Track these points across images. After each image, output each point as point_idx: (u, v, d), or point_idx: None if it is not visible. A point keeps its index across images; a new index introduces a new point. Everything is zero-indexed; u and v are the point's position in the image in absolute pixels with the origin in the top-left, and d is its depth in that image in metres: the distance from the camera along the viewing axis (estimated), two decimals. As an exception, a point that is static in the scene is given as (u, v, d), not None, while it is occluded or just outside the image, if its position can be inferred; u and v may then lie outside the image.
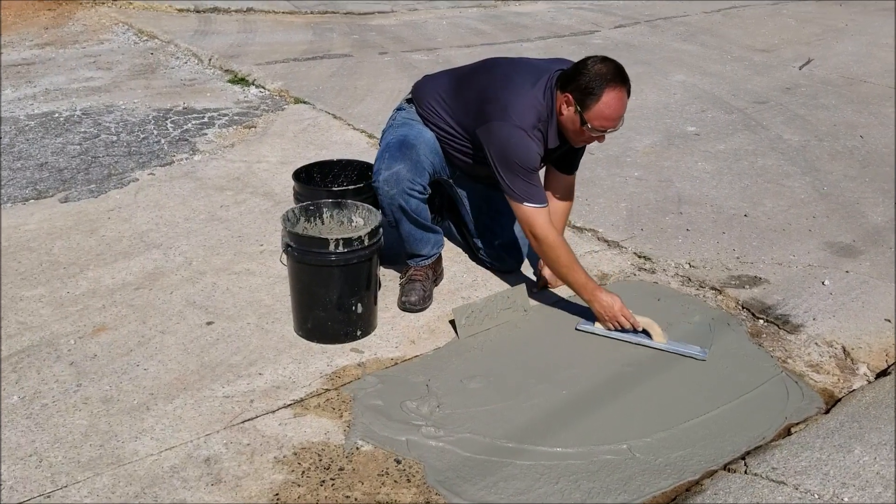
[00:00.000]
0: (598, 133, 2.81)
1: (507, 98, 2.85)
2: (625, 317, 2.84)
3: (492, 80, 2.97)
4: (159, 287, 3.20)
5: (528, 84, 2.87)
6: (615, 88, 2.73)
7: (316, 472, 2.24)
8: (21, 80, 6.14)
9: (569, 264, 2.90)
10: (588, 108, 2.74)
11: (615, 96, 2.73)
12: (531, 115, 2.82)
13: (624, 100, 2.77)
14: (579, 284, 2.90)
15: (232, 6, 9.06)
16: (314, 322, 2.84)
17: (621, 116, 2.80)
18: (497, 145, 2.85)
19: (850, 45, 7.86)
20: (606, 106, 2.73)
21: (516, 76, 2.93)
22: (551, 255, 2.90)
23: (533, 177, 2.87)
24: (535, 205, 2.86)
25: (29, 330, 2.89)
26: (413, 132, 3.06)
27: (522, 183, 2.85)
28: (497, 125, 2.84)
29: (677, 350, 2.82)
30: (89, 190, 4.11)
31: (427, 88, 3.15)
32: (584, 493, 2.19)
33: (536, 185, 2.88)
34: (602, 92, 2.71)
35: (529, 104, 2.83)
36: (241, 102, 5.69)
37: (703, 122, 5.45)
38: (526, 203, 2.86)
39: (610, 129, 2.81)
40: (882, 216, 3.95)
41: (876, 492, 2.14)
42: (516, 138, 2.81)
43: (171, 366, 2.70)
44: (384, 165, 2.97)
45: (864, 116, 5.57)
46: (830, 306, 3.14)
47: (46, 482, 2.18)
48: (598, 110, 2.73)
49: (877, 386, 2.66)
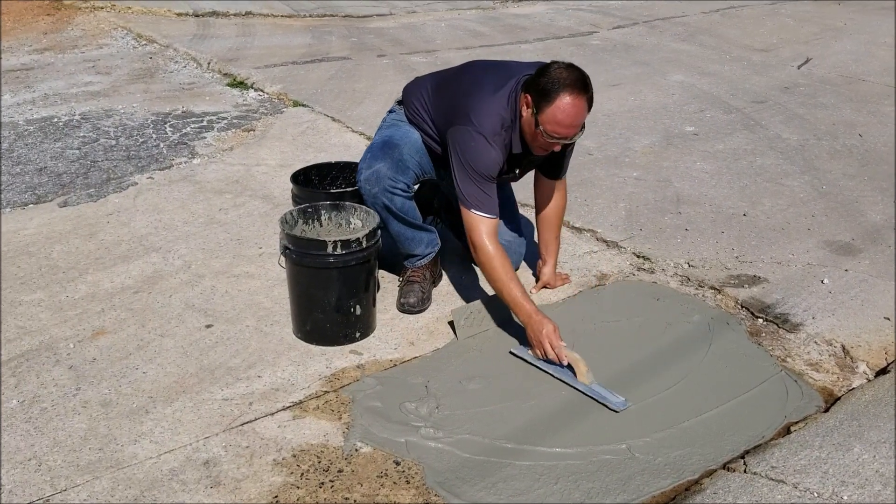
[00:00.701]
0: (552, 139, 2.70)
1: (470, 103, 2.81)
2: (551, 344, 2.65)
3: (462, 84, 2.94)
4: (158, 290, 3.20)
5: (493, 89, 2.81)
6: (571, 95, 2.62)
7: (315, 474, 2.24)
8: (20, 85, 6.15)
9: (504, 279, 2.76)
10: (542, 111, 2.65)
11: (570, 103, 2.62)
12: (493, 120, 2.77)
13: (580, 108, 2.65)
14: (514, 302, 2.75)
15: (230, 10, 9.07)
16: (313, 324, 2.84)
17: (575, 125, 2.68)
18: (456, 150, 2.81)
19: (849, 44, 7.87)
20: (560, 110, 2.63)
21: (485, 80, 2.88)
22: (486, 266, 2.79)
23: (487, 186, 2.80)
24: (483, 214, 2.78)
25: (28, 334, 2.89)
26: (399, 133, 3.07)
27: (475, 190, 2.78)
28: (458, 129, 2.81)
29: (596, 395, 2.57)
30: (88, 194, 4.11)
31: (413, 90, 3.15)
32: (584, 493, 2.19)
33: (490, 195, 2.80)
34: (557, 96, 2.62)
35: (492, 110, 2.78)
36: (239, 106, 5.70)
37: (701, 121, 5.46)
38: (474, 211, 2.78)
39: (563, 137, 2.70)
40: (881, 215, 3.95)
41: (875, 490, 2.14)
42: (475, 144, 2.77)
43: (170, 369, 2.71)
44: (365, 165, 2.99)
45: (862, 115, 5.57)
46: (830, 305, 3.14)
47: (45, 486, 2.18)
48: (551, 114, 2.64)
49: (876, 384, 2.66)
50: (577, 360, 2.62)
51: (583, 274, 3.37)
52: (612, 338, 2.92)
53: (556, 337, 2.65)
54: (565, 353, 2.63)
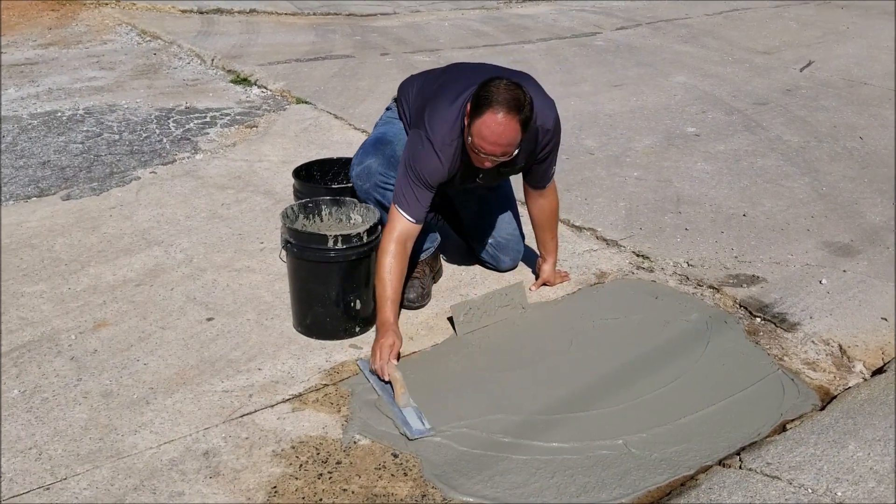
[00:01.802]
0: (479, 154, 2.69)
1: (430, 107, 2.83)
2: (380, 355, 2.62)
3: (433, 90, 2.95)
4: (160, 283, 3.22)
5: (454, 97, 2.80)
6: (497, 112, 2.59)
7: (314, 466, 2.26)
8: (24, 79, 6.17)
9: (384, 277, 2.76)
10: (472, 123, 2.65)
11: (493, 119, 2.59)
12: (444, 129, 2.76)
13: (506, 126, 2.61)
14: (378, 303, 2.78)
15: (235, 7, 9.09)
16: (313, 318, 2.86)
17: (500, 144, 2.64)
18: (406, 151, 2.84)
19: (851, 47, 7.88)
20: (485, 125, 2.61)
21: (451, 87, 2.87)
22: (378, 261, 2.79)
23: (421, 191, 2.79)
24: (403, 213, 2.78)
25: (30, 325, 2.91)
26: (392, 130, 3.10)
27: (408, 190, 2.78)
28: (414, 133, 2.85)
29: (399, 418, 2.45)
30: (91, 188, 4.13)
31: (405, 90, 3.17)
32: (580, 488, 2.21)
33: (420, 201, 2.80)
34: (486, 111, 2.60)
35: (446, 118, 2.77)
36: (243, 102, 5.72)
37: (703, 122, 5.47)
38: (397, 207, 2.79)
39: (489, 154, 2.67)
40: (880, 216, 3.97)
41: (869, 486, 2.15)
42: (422, 148, 2.78)
43: (170, 361, 2.72)
44: (357, 161, 3.03)
45: (864, 118, 5.58)
46: (827, 305, 3.15)
47: (46, 474, 2.20)
48: (477, 127, 2.63)
49: (872, 383, 2.67)
50: (397, 380, 2.55)
51: (582, 272, 3.39)
52: (610, 335, 2.94)
53: (390, 353, 2.62)
54: (388, 371, 2.58)
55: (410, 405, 2.49)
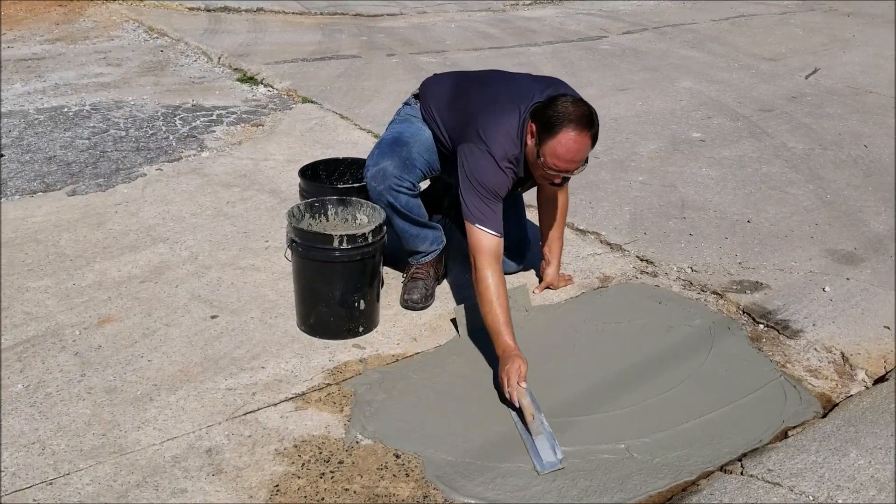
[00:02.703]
0: (551, 172, 2.69)
1: (485, 122, 2.79)
2: (508, 381, 2.50)
3: (479, 99, 2.92)
4: (165, 280, 3.22)
5: (508, 110, 2.79)
6: (574, 130, 2.60)
7: (316, 465, 2.26)
8: (31, 74, 6.19)
9: (491, 307, 2.64)
10: (544, 143, 2.64)
11: (572, 138, 2.60)
12: (504, 145, 2.75)
13: (581, 144, 2.63)
14: (495, 333, 2.63)
15: (242, 6, 9.11)
16: (317, 317, 2.87)
17: (576, 161, 2.66)
18: (465, 166, 2.79)
19: (857, 55, 7.87)
20: (560, 145, 2.61)
21: (502, 99, 2.86)
22: (481, 290, 2.67)
23: (494, 203, 2.76)
24: (487, 230, 2.72)
25: (34, 320, 2.92)
26: (411, 129, 3.07)
27: (481, 205, 2.74)
28: (469, 148, 2.79)
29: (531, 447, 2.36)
30: (97, 184, 4.14)
31: (433, 89, 3.14)
32: (581, 492, 2.21)
33: (496, 212, 2.76)
34: (560, 130, 2.60)
35: (505, 133, 2.76)
36: (249, 101, 5.73)
37: (708, 128, 5.47)
38: (479, 226, 2.72)
39: (563, 171, 2.69)
40: (884, 225, 3.97)
41: (870, 494, 2.16)
42: (485, 163, 2.75)
43: (174, 358, 2.73)
44: (372, 162, 3.01)
45: (868, 126, 5.58)
46: (830, 312, 3.15)
47: (49, 469, 2.21)
48: (551, 147, 2.63)
49: (874, 392, 2.68)
50: (527, 407, 2.44)
51: (586, 276, 3.40)
52: (613, 339, 2.94)
53: (518, 376, 2.50)
54: (518, 397, 2.47)
55: (543, 432, 2.40)
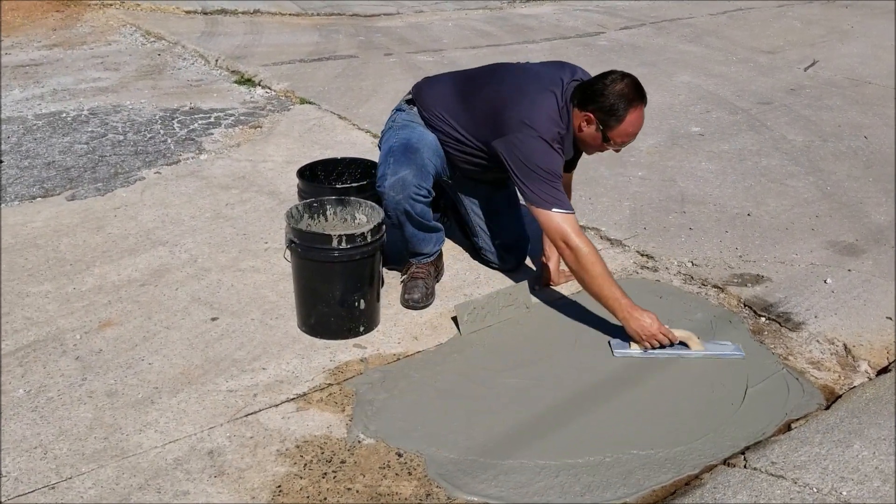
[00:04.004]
0: (619, 147, 2.88)
1: (525, 110, 2.82)
2: (664, 334, 2.75)
3: (504, 91, 2.93)
4: (165, 283, 3.22)
5: (545, 96, 2.85)
6: (639, 107, 2.76)
7: (318, 465, 2.26)
8: (29, 80, 6.18)
9: (602, 277, 2.77)
10: (612, 128, 2.78)
11: (638, 115, 2.78)
12: (552, 129, 2.81)
13: (643, 116, 2.81)
14: (613, 300, 2.77)
15: (239, 8, 9.10)
16: (317, 318, 2.86)
17: (637, 134, 2.85)
18: (520, 157, 2.81)
19: (856, 46, 7.86)
20: (630, 125, 2.77)
21: (529, 87, 2.90)
22: (586, 265, 2.76)
23: (558, 184, 2.83)
24: (564, 211, 2.80)
25: (35, 325, 2.92)
26: (416, 135, 3.05)
27: (550, 188, 2.80)
28: (518, 138, 2.81)
29: (716, 354, 2.78)
30: (96, 188, 4.14)
31: (432, 93, 3.12)
32: (584, 487, 2.21)
33: (562, 191, 2.84)
34: (626, 113, 2.74)
35: (549, 117, 2.82)
36: (247, 103, 5.72)
37: (707, 122, 5.47)
38: (555, 209, 2.79)
39: (628, 143, 2.87)
40: (885, 216, 3.96)
41: (874, 486, 2.15)
42: (541, 149, 2.80)
43: (175, 360, 2.73)
44: (390, 171, 2.95)
45: (868, 117, 5.57)
46: (832, 304, 3.15)
47: (51, 473, 2.21)
48: (622, 129, 2.78)
49: (877, 383, 2.67)
50: (688, 336, 2.80)
51: (586, 271, 3.38)
52: (615, 335, 2.93)
53: (660, 324, 2.76)
54: (675, 334, 2.78)
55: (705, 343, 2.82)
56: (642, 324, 2.75)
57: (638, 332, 2.77)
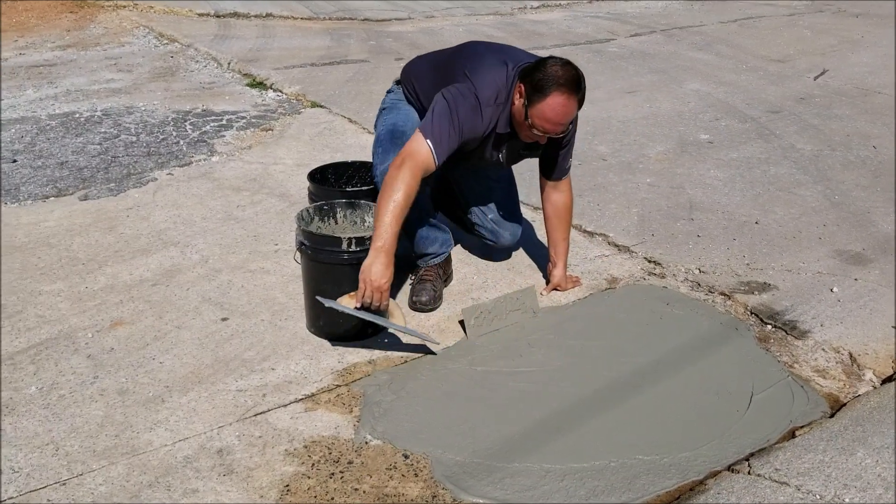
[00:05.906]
0: (538, 133, 2.80)
1: (472, 68, 2.86)
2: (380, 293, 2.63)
3: (463, 58, 2.99)
4: (176, 283, 3.26)
5: (497, 65, 2.87)
6: (563, 94, 2.72)
7: (325, 465, 2.29)
8: (43, 80, 6.24)
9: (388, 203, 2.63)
10: (533, 105, 2.75)
11: (560, 101, 2.72)
12: (490, 90, 2.81)
13: (569, 107, 2.75)
14: (377, 227, 2.63)
15: (251, 11, 9.16)
16: (326, 319, 2.89)
17: (563, 123, 2.78)
18: (448, 95, 2.79)
19: (865, 56, 7.86)
20: (549, 108, 2.73)
21: (487, 56, 2.94)
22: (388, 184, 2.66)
23: (453, 135, 2.76)
24: (432, 148, 2.71)
25: (48, 323, 2.96)
26: (401, 116, 3.12)
27: (445, 127, 2.74)
28: (456, 87, 2.82)
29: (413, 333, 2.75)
30: (109, 189, 4.18)
31: (413, 69, 3.20)
32: (589, 491, 2.23)
33: (449, 142, 2.75)
34: (549, 93, 2.71)
35: (491, 80, 2.83)
36: (258, 106, 5.77)
37: (716, 130, 5.48)
38: (428, 140, 2.72)
39: (550, 132, 2.80)
40: (892, 225, 3.96)
41: (877, 493, 2.16)
42: (466, 100, 2.79)
43: (186, 360, 2.76)
44: (379, 160, 3.03)
45: (877, 127, 5.57)
46: (838, 313, 3.16)
47: (62, 470, 2.24)
48: (540, 109, 2.74)
49: (882, 392, 2.68)
50: (394, 305, 2.78)
51: (593, 277, 3.41)
52: (621, 340, 2.95)
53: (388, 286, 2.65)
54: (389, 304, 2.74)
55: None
56: (374, 268, 2.61)
57: (363, 272, 2.63)
